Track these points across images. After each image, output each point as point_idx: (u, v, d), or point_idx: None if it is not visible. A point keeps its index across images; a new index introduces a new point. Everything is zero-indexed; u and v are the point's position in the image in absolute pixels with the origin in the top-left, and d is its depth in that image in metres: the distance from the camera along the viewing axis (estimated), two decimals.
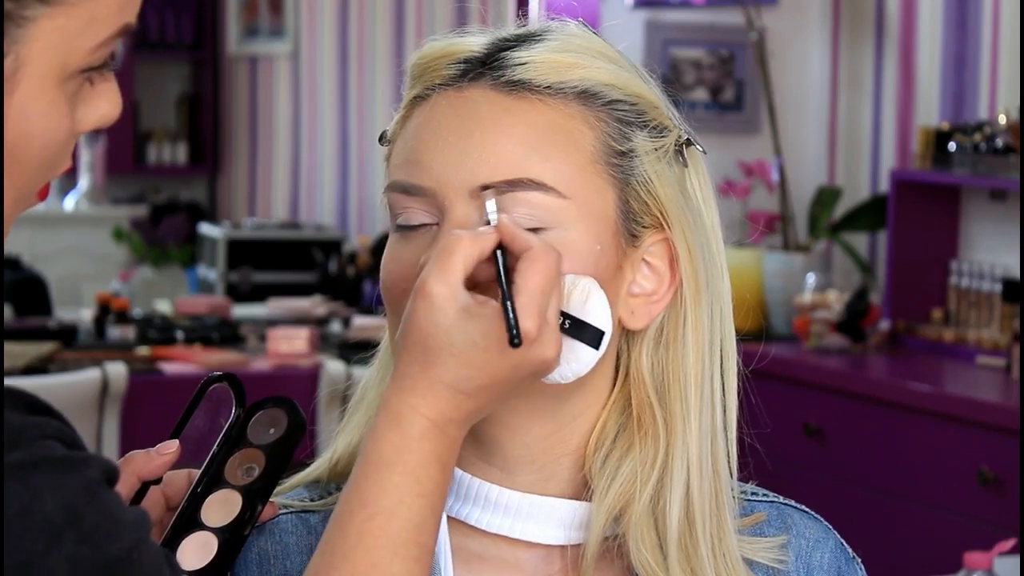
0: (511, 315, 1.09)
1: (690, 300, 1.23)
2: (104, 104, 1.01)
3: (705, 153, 1.26)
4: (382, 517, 1.09)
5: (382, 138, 1.27)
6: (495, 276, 1.12)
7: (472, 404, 1.12)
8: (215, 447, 1.21)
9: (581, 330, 1.15)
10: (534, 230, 1.17)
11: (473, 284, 1.12)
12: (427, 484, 1.11)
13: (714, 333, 1.24)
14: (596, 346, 1.16)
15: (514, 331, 1.09)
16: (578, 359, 1.16)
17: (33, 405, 0.95)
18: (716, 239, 1.25)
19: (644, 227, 1.22)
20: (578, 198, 1.19)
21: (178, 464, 1.22)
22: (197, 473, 1.20)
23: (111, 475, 0.96)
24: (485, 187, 1.17)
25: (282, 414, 1.21)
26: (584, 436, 1.23)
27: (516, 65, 1.20)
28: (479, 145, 1.18)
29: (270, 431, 1.21)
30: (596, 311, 1.16)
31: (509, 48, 1.21)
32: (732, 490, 1.25)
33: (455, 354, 1.10)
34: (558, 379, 1.16)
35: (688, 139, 1.25)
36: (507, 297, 1.10)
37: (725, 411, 1.25)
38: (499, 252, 1.12)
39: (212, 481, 1.20)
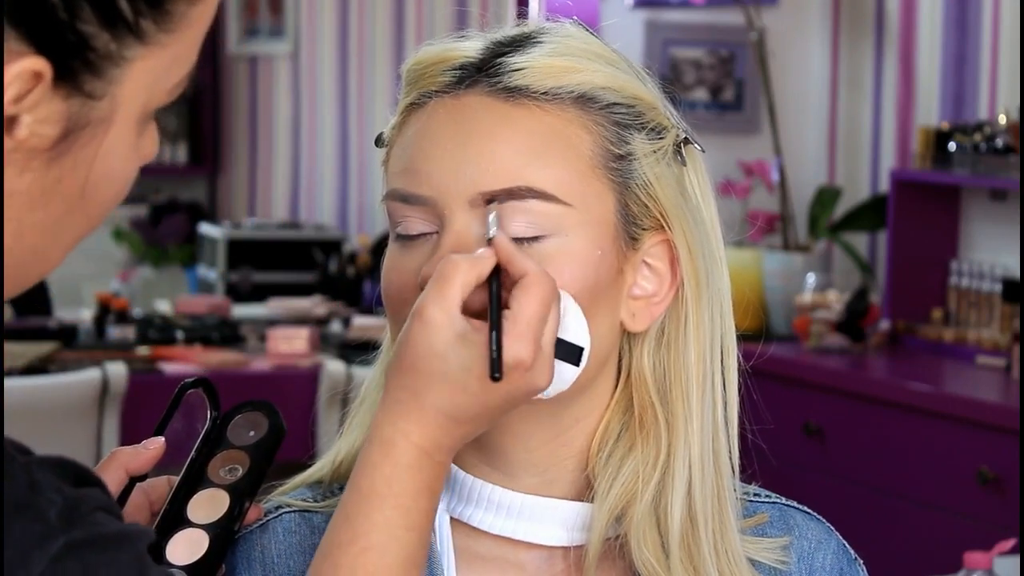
0: (494, 349, 1.08)
1: (691, 299, 1.22)
2: (149, 143, 0.99)
3: (703, 151, 1.26)
4: (374, 552, 1.09)
5: (379, 141, 1.27)
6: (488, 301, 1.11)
7: (463, 431, 1.11)
8: (195, 449, 1.21)
9: (560, 348, 1.14)
10: (534, 239, 1.17)
11: (470, 308, 1.11)
12: (416, 517, 1.10)
13: (715, 331, 1.23)
14: (576, 362, 1.15)
15: (495, 365, 1.08)
16: (559, 377, 1.14)
17: (81, 476, 0.96)
18: (716, 236, 1.25)
19: (644, 229, 1.22)
20: (578, 204, 1.18)
21: (159, 467, 1.23)
22: (178, 476, 1.21)
23: (151, 544, 0.97)
24: (486, 196, 1.17)
25: (262, 417, 1.22)
26: (588, 438, 1.23)
27: (512, 71, 1.19)
28: (478, 154, 1.18)
29: (250, 433, 1.22)
30: (574, 327, 1.15)
31: (505, 53, 1.20)
32: (735, 489, 1.25)
33: (450, 381, 1.09)
34: (540, 396, 1.15)
35: (686, 137, 1.24)
36: (495, 327, 1.09)
37: (726, 407, 1.25)
38: (492, 280, 1.11)
39: (195, 481, 1.20)
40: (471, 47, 1.22)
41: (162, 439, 1.22)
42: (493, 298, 1.10)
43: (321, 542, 1.12)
